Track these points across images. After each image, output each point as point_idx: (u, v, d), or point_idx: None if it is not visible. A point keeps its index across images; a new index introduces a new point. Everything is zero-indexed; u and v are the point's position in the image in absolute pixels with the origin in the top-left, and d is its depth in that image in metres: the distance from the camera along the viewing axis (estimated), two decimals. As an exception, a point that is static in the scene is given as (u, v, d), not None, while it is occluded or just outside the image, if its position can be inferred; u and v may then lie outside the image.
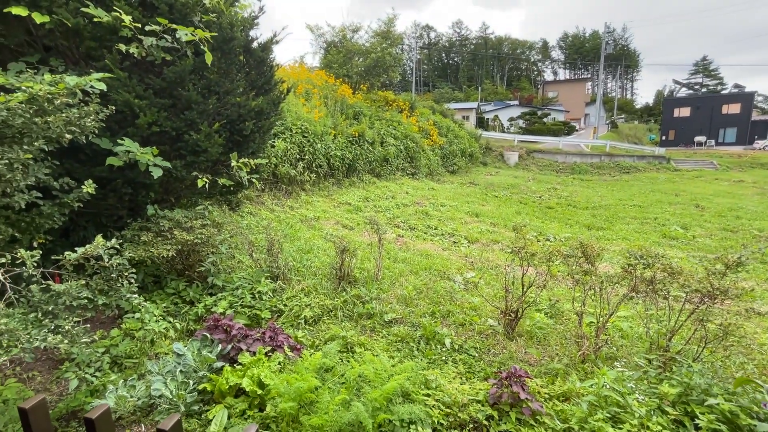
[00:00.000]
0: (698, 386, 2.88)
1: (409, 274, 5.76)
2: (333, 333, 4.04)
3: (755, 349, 3.80)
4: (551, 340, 4.16)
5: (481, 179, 18.70)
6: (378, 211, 9.92)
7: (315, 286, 5.01)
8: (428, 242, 7.81)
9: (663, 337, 3.63)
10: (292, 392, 2.87)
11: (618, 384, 2.95)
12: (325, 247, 6.59)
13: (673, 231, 10.02)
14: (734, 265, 3.37)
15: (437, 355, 3.81)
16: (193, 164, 5.15)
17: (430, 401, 2.95)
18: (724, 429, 2.56)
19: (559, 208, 13.06)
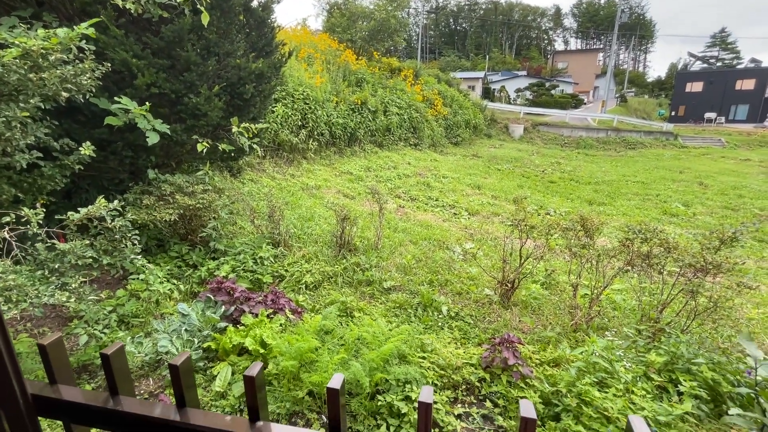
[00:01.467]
0: (684, 356, 2.99)
1: (409, 243, 5.83)
2: (333, 298, 4.15)
3: (743, 322, 3.90)
4: (545, 310, 4.27)
5: (484, 152, 18.49)
6: (379, 181, 9.88)
7: (316, 253, 5.08)
8: (429, 213, 7.84)
9: (654, 310, 3.72)
10: (293, 352, 2.99)
11: (607, 352, 3.05)
12: (326, 215, 6.63)
13: (674, 208, 10.01)
14: (729, 240, 3.41)
15: (434, 321, 3.92)
16: (194, 128, 5.09)
17: (426, 363, 3.07)
18: (704, 394, 2.68)
19: (562, 183, 12.98)
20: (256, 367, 0.72)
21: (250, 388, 0.70)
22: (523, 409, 0.57)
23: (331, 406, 0.67)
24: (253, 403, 0.70)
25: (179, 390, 0.71)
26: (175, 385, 0.73)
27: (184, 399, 0.70)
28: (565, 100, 39.76)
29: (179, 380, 0.71)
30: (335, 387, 0.67)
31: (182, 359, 0.72)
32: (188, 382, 0.72)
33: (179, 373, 0.71)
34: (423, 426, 0.63)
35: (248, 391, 0.71)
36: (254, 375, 0.71)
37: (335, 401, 0.67)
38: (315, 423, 2.67)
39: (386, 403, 2.66)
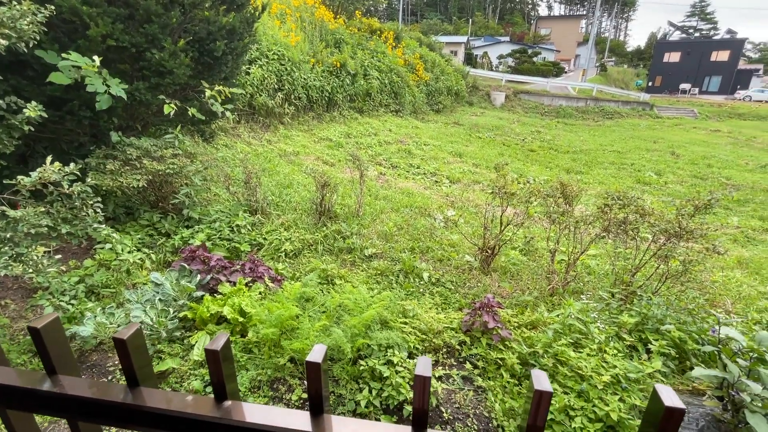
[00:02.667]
0: (654, 316, 3.12)
1: (390, 211, 5.77)
2: (314, 266, 4.08)
3: (708, 285, 4.10)
4: (524, 275, 4.35)
5: (466, 119, 18.29)
6: (360, 148, 9.65)
7: (295, 221, 4.96)
8: (410, 181, 7.76)
9: (627, 274, 3.84)
10: (274, 319, 2.94)
11: (582, 314, 3.15)
12: (305, 182, 6.44)
13: (647, 177, 10.29)
14: (703, 207, 3.50)
15: (415, 287, 3.94)
16: (159, 87, 4.72)
17: (407, 328, 3.09)
18: (672, 353, 2.82)
19: (541, 152, 13.08)
20: (221, 340, 0.64)
21: (215, 363, 0.62)
22: (536, 381, 0.51)
23: (311, 382, 0.59)
24: (218, 379, 0.61)
25: (130, 367, 0.62)
26: (124, 362, 0.63)
27: (137, 377, 0.62)
28: (546, 68, 39.45)
29: (128, 356, 0.61)
30: (316, 360, 0.59)
31: (131, 331, 0.63)
32: (142, 358, 0.63)
33: (128, 349, 0.62)
34: (419, 400, 0.56)
35: (212, 368, 0.62)
36: (218, 349, 0.62)
37: (316, 376, 0.59)
38: (297, 389, 2.67)
39: (368, 368, 2.67)
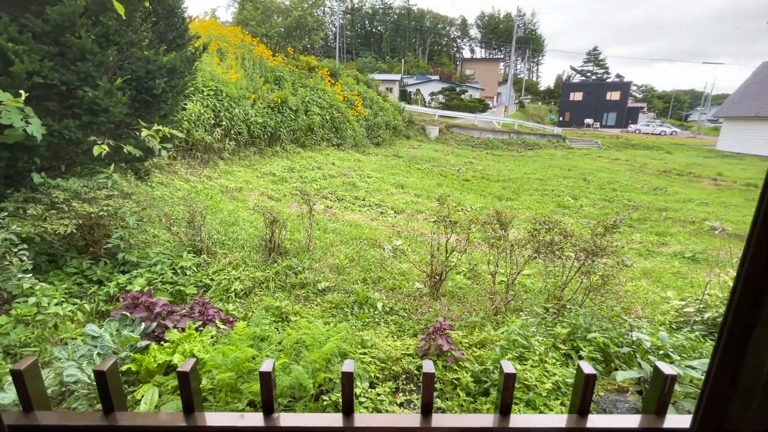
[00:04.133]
0: (582, 326, 3.54)
1: (340, 243, 5.87)
2: (266, 304, 4.02)
3: (622, 294, 4.72)
4: (470, 298, 4.66)
5: (404, 152, 19.21)
6: (305, 182, 9.71)
7: (243, 259, 4.85)
8: (357, 213, 7.96)
9: (557, 289, 4.31)
10: (230, 363, 2.85)
11: (523, 329, 3.47)
12: (252, 218, 6.34)
13: (566, 201, 11.57)
14: (611, 227, 4.11)
15: (371, 317, 4.03)
16: (91, 125, 4.50)
17: (367, 358, 3.16)
18: (599, 356, 3.22)
19: (475, 181, 14.13)
20: (189, 363, 0.76)
21: (185, 385, 0.73)
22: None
23: (264, 390, 0.73)
24: (188, 399, 0.73)
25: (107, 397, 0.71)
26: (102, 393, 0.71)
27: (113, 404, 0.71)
28: (473, 104, 43.10)
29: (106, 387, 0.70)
30: (267, 370, 0.75)
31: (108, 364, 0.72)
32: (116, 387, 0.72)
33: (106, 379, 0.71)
34: (347, 393, 0.73)
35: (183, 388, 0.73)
36: (188, 370, 0.73)
37: (268, 384, 0.73)
38: None
39: (332, 402, 2.69)
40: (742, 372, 0.47)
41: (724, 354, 0.48)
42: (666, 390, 0.66)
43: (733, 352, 0.48)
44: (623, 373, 2.68)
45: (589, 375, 0.70)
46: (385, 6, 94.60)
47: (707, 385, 0.48)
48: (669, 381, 0.65)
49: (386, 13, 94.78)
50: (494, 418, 0.77)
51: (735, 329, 0.48)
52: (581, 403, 0.75)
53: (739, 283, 0.46)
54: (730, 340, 0.47)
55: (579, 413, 0.75)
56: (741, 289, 0.47)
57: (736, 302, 0.48)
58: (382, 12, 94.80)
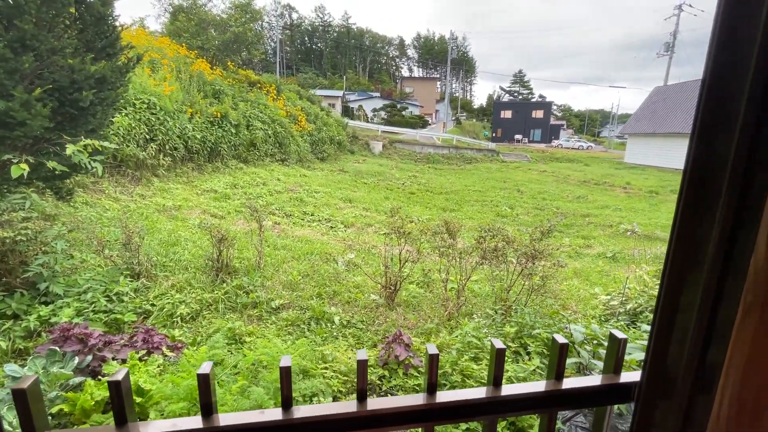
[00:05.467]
0: (528, 324, 3.83)
1: (292, 260, 5.75)
2: (217, 326, 3.82)
3: (558, 293, 5.18)
4: (424, 306, 4.81)
5: (350, 167, 19.36)
6: (250, 198, 9.38)
7: (188, 281, 4.57)
8: (306, 228, 7.85)
9: (503, 292, 4.62)
10: (182, 392, 2.67)
11: (475, 331, 3.68)
12: (194, 238, 5.99)
13: (503, 210, 12.41)
14: (547, 232, 4.53)
15: (329, 332, 4.00)
16: (4, 140, 4.02)
17: (329, 373, 3.14)
18: (544, 350, 3.50)
19: (420, 194, 14.63)
20: (121, 373, 0.76)
21: (117, 395, 0.73)
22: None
23: (202, 392, 0.77)
24: (120, 408, 0.74)
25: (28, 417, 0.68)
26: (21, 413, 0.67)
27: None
28: (414, 120, 44.79)
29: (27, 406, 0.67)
30: (205, 372, 0.78)
31: (29, 381, 0.69)
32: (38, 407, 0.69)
33: (27, 399, 0.68)
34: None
35: (114, 398, 0.74)
36: (120, 379, 0.75)
37: (207, 386, 0.77)
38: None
39: (296, 421, 2.63)
40: (675, 325, 0.61)
41: (662, 312, 0.62)
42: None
43: (667, 311, 0.62)
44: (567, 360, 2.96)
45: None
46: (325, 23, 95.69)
47: (651, 339, 0.62)
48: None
49: (326, 31, 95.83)
50: (424, 396, 0.86)
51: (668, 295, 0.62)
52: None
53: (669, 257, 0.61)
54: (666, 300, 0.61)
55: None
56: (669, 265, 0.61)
57: (667, 276, 0.62)
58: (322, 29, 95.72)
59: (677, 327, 0.62)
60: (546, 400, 0.86)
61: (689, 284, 0.59)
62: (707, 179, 0.55)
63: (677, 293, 0.62)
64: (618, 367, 0.84)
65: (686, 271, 0.59)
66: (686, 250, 0.59)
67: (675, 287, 0.62)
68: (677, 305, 0.62)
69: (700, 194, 0.57)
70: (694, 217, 0.58)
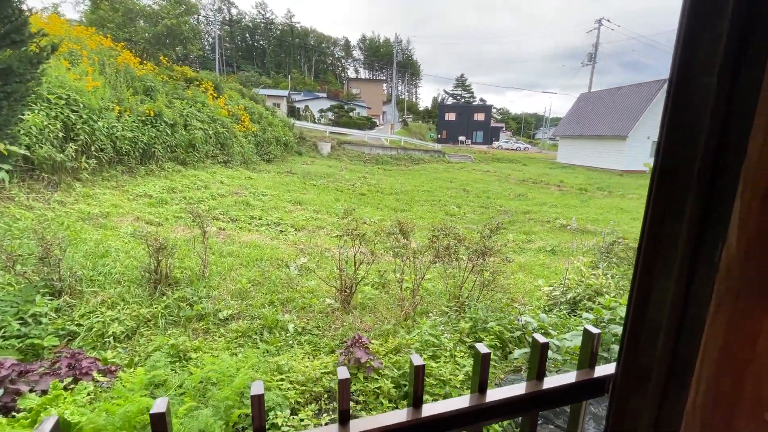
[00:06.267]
0: (481, 319, 3.96)
1: (240, 267, 5.45)
2: (158, 344, 3.49)
3: (507, 287, 5.43)
4: (380, 307, 4.79)
5: (297, 168, 18.89)
6: (190, 202, 8.76)
7: (122, 296, 4.14)
8: (254, 233, 7.50)
9: (456, 289, 4.74)
10: (118, 421, 2.39)
11: (432, 329, 3.73)
12: (127, 248, 5.46)
13: (452, 210, 12.81)
14: (496, 229, 4.72)
15: (283, 341, 3.83)
16: None
17: (285, 384, 3.00)
18: (497, 343, 3.64)
19: (371, 195, 14.64)
20: (49, 422, 0.63)
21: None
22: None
23: None
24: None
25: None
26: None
27: None
28: (362, 122, 44.86)
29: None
30: (160, 411, 0.69)
31: None
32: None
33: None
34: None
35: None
36: None
37: (162, 426, 0.69)
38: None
39: (252, 439, 2.47)
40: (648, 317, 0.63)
41: (635, 305, 0.64)
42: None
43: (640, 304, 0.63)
44: (518, 351, 3.09)
45: (485, 353, 0.82)
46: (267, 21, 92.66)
47: (625, 332, 0.63)
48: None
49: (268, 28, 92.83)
50: (408, 411, 0.84)
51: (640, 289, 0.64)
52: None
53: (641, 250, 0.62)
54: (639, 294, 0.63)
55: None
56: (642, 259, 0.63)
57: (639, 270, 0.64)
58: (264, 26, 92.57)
59: (649, 319, 0.64)
60: (528, 402, 0.85)
61: (661, 278, 0.61)
62: (677, 174, 0.57)
63: (648, 287, 0.63)
64: (593, 362, 0.86)
65: (658, 264, 0.61)
66: (657, 244, 0.61)
67: (646, 281, 0.64)
68: (649, 298, 0.63)
69: (669, 189, 0.59)
70: (664, 212, 0.60)
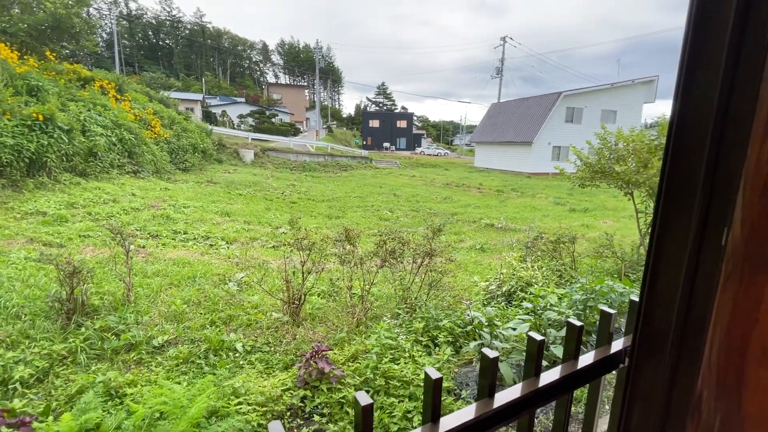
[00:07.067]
0: (433, 317, 4.13)
1: (170, 287, 4.95)
2: (81, 383, 3.02)
3: (449, 286, 5.72)
4: (330, 316, 4.72)
5: (219, 177, 17.69)
6: (97, 219, 7.69)
7: (24, 333, 3.50)
8: (181, 249, 6.85)
9: (405, 291, 4.88)
10: (47, 479, 2.02)
11: (388, 332, 3.79)
12: (23, 276, 4.62)
13: (385, 214, 13.08)
14: (438, 230, 4.97)
15: (233, 362, 3.57)
16: None
17: (244, 408, 2.81)
18: (450, 339, 3.83)
19: (302, 202, 14.30)
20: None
21: None
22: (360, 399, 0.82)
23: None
24: None
25: None
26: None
27: None
28: (285, 128, 43.58)
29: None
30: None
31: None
32: None
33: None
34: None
35: None
36: None
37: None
38: None
39: (216, 472, 2.27)
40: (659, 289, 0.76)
41: (651, 280, 0.76)
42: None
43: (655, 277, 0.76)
44: (472, 343, 3.30)
45: (436, 379, 0.91)
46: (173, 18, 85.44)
47: (642, 304, 0.76)
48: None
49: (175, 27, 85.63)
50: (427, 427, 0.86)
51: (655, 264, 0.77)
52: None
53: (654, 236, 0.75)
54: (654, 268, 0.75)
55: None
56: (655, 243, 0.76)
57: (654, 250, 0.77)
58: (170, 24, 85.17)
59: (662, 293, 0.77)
60: (530, 400, 0.93)
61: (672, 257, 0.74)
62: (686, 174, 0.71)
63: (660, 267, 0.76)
64: (577, 353, 0.98)
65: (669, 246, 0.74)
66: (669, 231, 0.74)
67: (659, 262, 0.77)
68: (660, 278, 0.77)
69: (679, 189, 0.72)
70: (675, 206, 0.73)
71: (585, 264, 6.78)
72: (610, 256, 6.58)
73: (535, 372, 0.98)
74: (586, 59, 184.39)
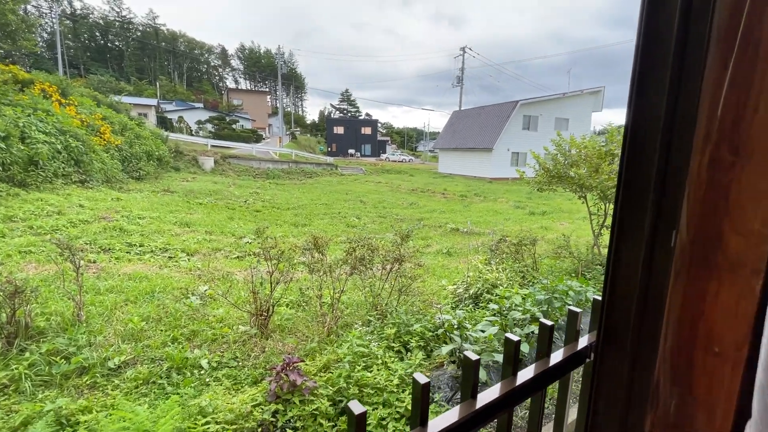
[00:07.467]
0: (404, 323, 4.16)
1: (127, 303, 4.65)
2: (27, 414, 2.77)
3: (418, 290, 5.80)
4: (300, 326, 4.64)
5: (177, 186, 16.92)
6: (40, 233, 7.09)
7: (-43, 361, 3.16)
8: (137, 263, 6.46)
9: (375, 297, 4.89)
10: None
11: (360, 340, 3.78)
12: (-47, 298, 4.17)
13: (352, 221, 13.05)
14: (406, 236, 5.04)
15: (198, 380, 3.42)
16: None
17: (212, 427, 2.69)
18: (422, 343, 3.88)
19: (266, 211, 13.96)
20: None
21: None
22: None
23: None
24: None
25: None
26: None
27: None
28: (247, 134, 42.47)
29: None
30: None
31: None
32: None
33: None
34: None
35: None
36: None
37: None
38: None
39: (184, 497, 2.16)
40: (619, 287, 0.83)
41: (613, 276, 0.83)
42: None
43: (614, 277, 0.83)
44: (445, 347, 3.36)
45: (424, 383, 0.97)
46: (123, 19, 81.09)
47: (604, 302, 0.83)
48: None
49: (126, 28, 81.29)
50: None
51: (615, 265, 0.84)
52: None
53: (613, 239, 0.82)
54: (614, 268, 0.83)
55: (512, 374, 1.02)
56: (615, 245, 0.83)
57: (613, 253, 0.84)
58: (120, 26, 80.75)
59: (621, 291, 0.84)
60: (510, 398, 0.98)
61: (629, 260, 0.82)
62: (637, 183, 0.78)
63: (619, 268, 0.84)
64: (549, 350, 1.05)
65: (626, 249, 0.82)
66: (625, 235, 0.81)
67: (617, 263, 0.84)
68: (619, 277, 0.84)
69: (632, 196, 0.80)
70: (630, 211, 0.80)
71: (545, 264, 7.11)
72: (567, 257, 6.95)
73: (512, 371, 1.03)
74: (540, 70, 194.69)
